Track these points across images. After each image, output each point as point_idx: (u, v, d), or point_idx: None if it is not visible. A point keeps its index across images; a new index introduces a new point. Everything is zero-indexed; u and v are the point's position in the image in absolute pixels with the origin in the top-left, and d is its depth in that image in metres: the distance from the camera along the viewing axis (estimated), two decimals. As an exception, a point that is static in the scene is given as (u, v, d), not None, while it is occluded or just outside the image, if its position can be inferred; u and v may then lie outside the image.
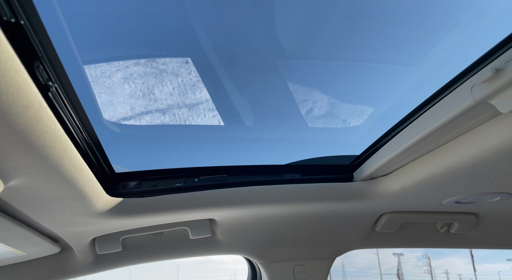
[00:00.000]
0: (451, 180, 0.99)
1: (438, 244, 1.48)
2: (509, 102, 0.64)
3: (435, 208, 1.30)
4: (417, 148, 0.93)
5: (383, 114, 1.28)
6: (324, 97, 1.44)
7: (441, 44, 1.09)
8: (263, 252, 1.49)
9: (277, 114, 1.48)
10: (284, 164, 1.30)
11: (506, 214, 1.32)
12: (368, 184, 1.19)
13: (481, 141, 0.80)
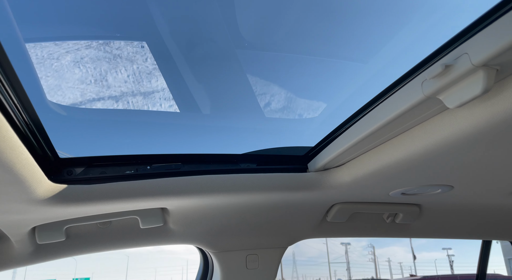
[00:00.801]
0: (399, 172, 1.03)
1: (384, 233, 1.55)
2: (456, 97, 0.68)
3: (383, 199, 1.36)
4: (369, 140, 0.96)
5: (337, 107, 1.31)
6: (281, 89, 1.45)
7: (394, 40, 1.13)
8: (216, 242, 1.48)
9: (235, 104, 1.46)
10: (240, 153, 1.29)
11: (446, 206, 1.41)
12: (321, 174, 1.21)
13: (429, 135, 0.84)
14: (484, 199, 1.32)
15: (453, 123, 0.77)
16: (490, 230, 1.65)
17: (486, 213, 1.49)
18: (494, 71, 0.61)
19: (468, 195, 1.27)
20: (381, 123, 0.86)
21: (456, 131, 0.77)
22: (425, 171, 1.01)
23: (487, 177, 1.07)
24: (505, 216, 1.52)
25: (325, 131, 1.17)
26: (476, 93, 0.63)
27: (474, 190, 1.21)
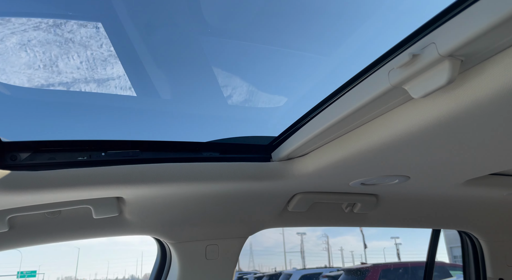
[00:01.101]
0: (361, 162, 1.04)
1: (343, 222, 1.59)
2: (421, 87, 0.68)
3: (343, 189, 1.37)
4: (334, 130, 0.96)
5: (302, 97, 1.30)
6: (245, 78, 1.42)
7: (362, 28, 1.13)
8: (175, 232, 1.44)
9: (197, 90, 1.41)
10: (202, 141, 1.25)
11: (402, 196, 1.46)
12: (285, 164, 1.20)
13: (392, 125, 0.84)
14: (438, 189, 1.38)
15: (416, 113, 0.77)
16: (442, 220, 1.73)
17: (439, 203, 1.56)
18: (459, 62, 0.62)
19: (423, 185, 1.32)
20: (346, 112, 0.85)
21: (419, 122, 0.78)
22: (386, 161, 1.03)
23: (441, 168, 1.11)
24: (456, 206, 1.60)
25: (290, 120, 1.15)
26: (441, 83, 0.63)
27: (429, 180, 1.26)
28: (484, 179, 1.35)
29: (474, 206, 1.61)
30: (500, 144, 0.90)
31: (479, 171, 1.14)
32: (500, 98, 0.65)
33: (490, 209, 1.66)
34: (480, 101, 0.66)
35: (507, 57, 0.59)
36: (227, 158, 1.21)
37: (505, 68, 0.60)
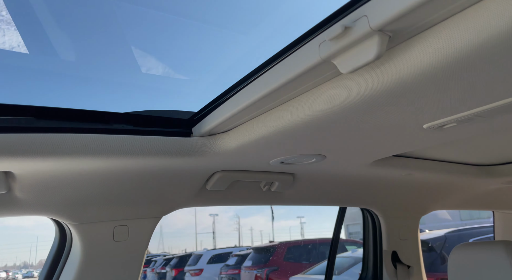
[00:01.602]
0: (284, 140, 1.03)
1: (260, 201, 1.59)
2: (350, 62, 0.67)
3: (263, 167, 1.37)
4: (259, 105, 0.92)
5: (228, 69, 1.24)
6: (165, 48, 1.30)
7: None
8: (77, 212, 1.28)
9: (107, 55, 1.26)
10: (113, 112, 1.12)
11: (316, 175, 1.51)
12: (206, 140, 1.14)
13: (318, 102, 0.83)
14: (349, 169, 1.45)
15: (342, 90, 0.77)
16: (350, 198, 1.85)
17: (349, 182, 1.65)
18: (387, 37, 0.62)
19: (336, 165, 1.38)
20: (274, 86, 0.82)
21: (343, 99, 0.78)
22: (308, 139, 1.03)
23: (354, 148, 1.16)
24: (362, 185, 1.71)
25: (213, 94, 1.09)
26: (369, 58, 0.63)
27: (342, 160, 1.31)
28: (388, 160, 1.46)
29: (377, 186, 1.75)
30: (407, 126, 0.95)
31: (385, 152, 1.22)
32: (421, 78, 0.67)
33: (390, 188, 1.82)
34: (402, 80, 0.68)
35: (431, 36, 0.60)
36: (141, 131, 1.10)
37: (428, 47, 0.61)
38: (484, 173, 1.76)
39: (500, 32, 0.53)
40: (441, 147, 1.45)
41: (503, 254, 1.44)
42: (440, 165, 1.62)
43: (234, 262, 10.92)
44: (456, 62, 0.61)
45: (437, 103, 0.80)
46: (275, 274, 9.04)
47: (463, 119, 0.90)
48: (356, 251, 7.72)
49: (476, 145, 1.44)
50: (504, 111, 0.85)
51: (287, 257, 9.43)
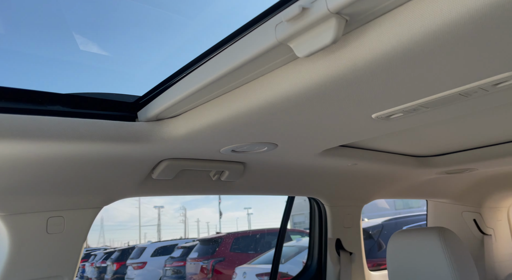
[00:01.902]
0: (236, 127, 1.00)
1: (210, 191, 1.55)
2: (306, 45, 0.65)
3: (213, 156, 1.33)
4: (211, 89, 0.88)
5: (178, 49, 1.18)
6: (107, 25, 1.20)
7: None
8: (5, 202, 1.15)
9: (38, 25, 1.12)
10: (47, 91, 1.01)
11: (267, 164, 1.50)
12: (153, 125, 1.07)
13: (272, 87, 0.81)
14: (299, 158, 1.46)
15: (297, 75, 0.76)
16: (299, 187, 1.87)
17: (298, 172, 1.67)
18: (344, 21, 0.61)
19: (287, 154, 1.38)
20: (227, 69, 0.78)
21: (298, 85, 0.77)
22: (260, 126, 1.01)
23: (306, 136, 1.16)
24: (311, 174, 1.74)
25: (162, 75, 1.03)
26: (326, 42, 0.62)
27: (293, 149, 1.32)
28: (336, 150, 1.49)
29: (324, 175, 1.79)
30: (357, 115, 0.97)
31: (335, 141, 1.24)
32: (375, 65, 0.67)
33: (336, 178, 1.87)
34: (356, 67, 0.68)
35: (386, 21, 0.60)
36: (79, 114, 1.01)
37: (383, 33, 0.61)
38: (421, 164, 1.87)
39: (452, 20, 0.54)
40: (384, 138, 1.51)
41: (436, 239, 1.54)
42: (382, 156, 1.69)
43: (179, 254, 10.79)
44: (409, 49, 0.62)
45: (387, 92, 0.82)
46: (221, 264, 9.07)
47: (409, 110, 0.93)
48: (300, 240, 7.97)
49: (415, 137, 1.52)
50: (447, 102, 0.89)
51: (234, 247, 9.49)
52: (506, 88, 0.81)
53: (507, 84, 0.78)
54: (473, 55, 0.65)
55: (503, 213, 2.99)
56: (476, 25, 0.55)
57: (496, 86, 0.79)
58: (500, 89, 0.81)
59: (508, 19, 0.54)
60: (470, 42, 0.60)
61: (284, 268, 6.67)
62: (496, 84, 0.78)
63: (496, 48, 0.63)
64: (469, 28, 0.56)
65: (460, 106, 0.93)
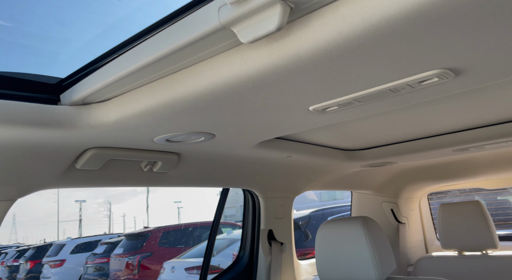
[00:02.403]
0: (172, 114, 0.95)
1: (141, 182, 1.47)
2: (250, 31, 0.64)
3: (145, 145, 1.25)
4: (145, 72, 0.82)
5: (111, 27, 1.08)
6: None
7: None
8: None
9: None
10: None
11: (203, 155, 1.47)
12: (77, 110, 0.98)
13: (213, 73, 0.78)
14: (236, 150, 1.45)
15: (240, 62, 0.74)
16: (235, 179, 1.86)
17: (235, 163, 1.65)
18: (289, 8, 0.60)
19: (224, 145, 1.35)
20: (163, 51, 0.73)
21: (240, 73, 0.75)
22: (198, 115, 0.97)
23: (245, 127, 1.15)
24: (247, 166, 1.74)
25: (91, 55, 0.93)
26: (270, 28, 0.61)
27: (231, 140, 1.30)
28: (272, 142, 1.51)
29: (259, 167, 1.80)
30: (295, 106, 0.98)
31: (272, 133, 1.25)
32: (316, 56, 0.68)
33: (271, 170, 1.90)
34: (298, 57, 0.68)
35: (329, 12, 0.61)
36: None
37: (325, 24, 0.62)
38: (349, 157, 1.98)
39: (391, 15, 0.56)
40: (317, 131, 1.56)
41: (360, 227, 1.64)
42: (315, 149, 1.75)
43: (102, 250, 10.22)
44: (349, 42, 0.63)
45: (325, 85, 0.83)
46: (148, 260, 8.78)
47: (344, 103, 0.96)
48: (231, 233, 8.03)
49: (345, 131, 1.60)
50: (378, 97, 0.93)
51: (162, 242, 9.24)
52: (430, 85, 0.87)
53: (430, 82, 0.84)
54: (404, 52, 0.69)
55: (416, 203, 3.31)
56: (411, 22, 0.58)
57: (421, 83, 0.85)
58: (425, 86, 0.88)
59: (437, 19, 0.57)
60: (404, 39, 0.63)
61: (215, 261, 6.68)
62: (421, 81, 0.84)
63: (424, 46, 0.67)
64: (404, 24, 0.58)
65: (390, 101, 0.99)
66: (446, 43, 0.66)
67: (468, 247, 2.50)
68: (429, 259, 2.66)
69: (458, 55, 0.72)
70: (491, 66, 0.79)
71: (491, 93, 1.19)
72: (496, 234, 2.43)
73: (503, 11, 0.57)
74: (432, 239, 3.35)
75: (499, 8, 0.56)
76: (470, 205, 2.50)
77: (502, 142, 1.69)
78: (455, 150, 1.84)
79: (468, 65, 0.77)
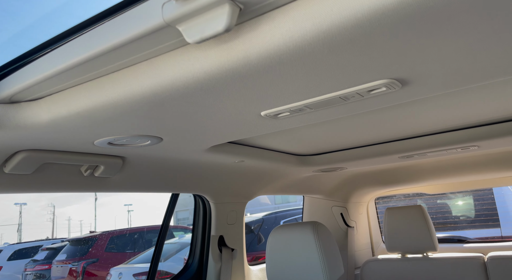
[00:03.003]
0: (114, 116, 0.88)
1: (81, 188, 1.36)
2: (197, 30, 0.60)
3: (85, 148, 1.16)
4: (83, 69, 0.75)
5: (45, 16, 0.98)
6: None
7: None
8: None
9: None
10: None
11: (150, 159, 1.39)
12: (5, 109, 0.88)
13: (158, 73, 0.73)
14: (186, 154, 1.39)
15: (187, 63, 0.70)
16: (185, 184, 1.80)
17: (184, 168, 1.59)
18: (238, 9, 0.57)
19: (173, 149, 1.29)
20: (104, 47, 0.67)
21: (188, 73, 0.71)
22: (143, 117, 0.91)
23: (194, 131, 1.10)
24: (197, 171, 1.68)
25: (20, 48, 0.84)
26: (218, 29, 0.57)
27: (180, 144, 1.24)
28: (224, 147, 1.47)
29: (211, 172, 1.75)
30: (247, 111, 0.95)
31: (224, 137, 1.22)
32: (267, 60, 0.65)
33: (223, 175, 1.85)
34: (248, 60, 0.65)
35: (279, 16, 0.59)
36: None
37: (276, 28, 0.59)
38: (302, 162, 1.99)
39: (341, 22, 0.55)
40: (270, 136, 1.55)
41: (310, 232, 1.65)
42: (268, 153, 1.74)
43: (44, 256, 9.59)
44: (300, 47, 0.61)
45: (276, 90, 0.81)
46: (94, 266, 8.35)
47: (295, 109, 0.95)
48: (183, 237, 7.85)
49: (297, 137, 1.60)
50: (329, 104, 0.93)
51: (110, 247, 8.84)
52: (378, 95, 0.88)
53: (379, 91, 0.85)
54: (355, 61, 0.68)
55: (364, 207, 3.42)
56: (361, 30, 0.57)
57: (370, 92, 0.86)
58: (374, 95, 0.88)
59: (385, 29, 0.57)
60: (354, 47, 0.63)
61: (165, 266, 6.49)
62: (370, 90, 0.84)
63: (373, 55, 0.67)
64: (354, 32, 0.57)
65: (340, 108, 0.99)
66: (393, 53, 0.66)
67: (410, 250, 2.61)
68: (375, 262, 2.75)
69: (404, 66, 0.73)
70: (435, 78, 0.81)
71: (434, 104, 1.24)
72: (436, 237, 2.56)
73: (447, 26, 0.58)
74: (378, 242, 3.48)
75: (443, 22, 0.57)
76: (413, 209, 2.62)
77: (443, 150, 1.78)
78: (401, 157, 1.91)
79: (413, 76, 0.79)
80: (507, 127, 1.54)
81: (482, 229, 4.45)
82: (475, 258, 2.44)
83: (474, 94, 1.17)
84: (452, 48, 0.66)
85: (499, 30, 0.61)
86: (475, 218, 4.58)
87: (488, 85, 1.11)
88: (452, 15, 0.55)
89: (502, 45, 0.67)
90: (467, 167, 2.47)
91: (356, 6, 0.53)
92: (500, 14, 0.56)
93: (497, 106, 1.31)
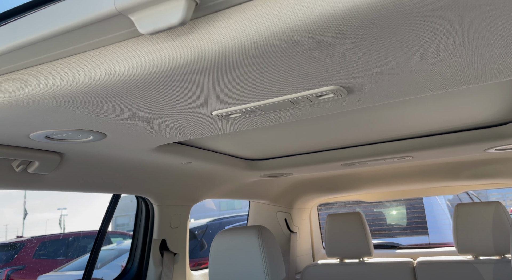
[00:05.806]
0: (53, 107, 0.82)
1: (11, 185, 1.25)
2: (150, 22, 0.58)
3: (18, 141, 1.07)
4: (21, 54, 0.70)
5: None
6: None
7: None
8: None
9: None
10: None
11: (92, 156, 1.32)
12: None
13: (105, 64, 0.70)
14: (131, 153, 1.34)
15: (138, 54, 0.68)
16: (127, 185, 1.72)
17: (128, 167, 1.53)
18: (194, 3, 0.57)
19: (118, 147, 1.24)
20: (47, 31, 0.63)
21: (138, 65, 0.69)
22: (86, 110, 0.87)
23: (141, 128, 1.07)
24: (141, 171, 1.62)
25: None
26: (172, 22, 0.57)
27: (125, 142, 1.19)
28: (171, 147, 1.44)
29: (156, 173, 1.70)
30: (198, 110, 0.94)
31: (172, 137, 1.19)
32: (221, 58, 0.65)
33: (169, 176, 1.81)
34: (202, 57, 0.65)
35: (236, 14, 0.59)
36: None
37: (231, 26, 0.60)
38: (249, 166, 2.00)
39: (294, 25, 0.57)
40: (219, 138, 1.54)
41: (254, 236, 1.66)
42: (216, 156, 1.73)
43: (-40, 264, 8.61)
44: (254, 47, 0.62)
45: (229, 90, 0.81)
46: (20, 274, 7.67)
47: (247, 111, 0.96)
48: (122, 243, 7.50)
49: (246, 140, 1.61)
50: (280, 107, 0.95)
51: (39, 253, 8.18)
52: (326, 101, 0.92)
53: (326, 97, 0.89)
54: (305, 65, 0.71)
55: (307, 213, 3.52)
56: (312, 35, 0.59)
57: (318, 98, 0.89)
58: (322, 101, 0.92)
59: (334, 36, 0.60)
60: (305, 51, 0.65)
61: (100, 274, 6.13)
62: (318, 96, 0.88)
63: (322, 61, 0.70)
64: (306, 36, 0.60)
65: (291, 113, 1.02)
66: (341, 60, 0.70)
67: (348, 255, 2.73)
68: (315, 267, 2.83)
69: (351, 74, 0.77)
70: (379, 87, 0.87)
71: (375, 114, 1.32)
72: (372, 243, 2.71)
73: (391, 38, 0.62)
74: (319, 247, 3.60)
75: (388, 34, 0.61)
76: (353, 216, 2.75)
77: (381, 159, 1.89)
78: (343, 164, 2.00)
79: (359, 84, 0.84)
80: (437, 140, 1.68)
81: (412, 236, 4.78)
82: (405, 262, 2.62)
83: (411, 107, 1.26)
84: (394, 60, 0.71)
85: (439, 45, 0.67)
86: (406, 226, 4.91)
87: (423, 100, 1.21)
88: (396, 28, 0.59)
89: (441, 59, 0.73)
90: (402, 177, 2.66)
91: (310, 11, 0.55)
92: (441, 31, 0.61)
93: (430, 120, 1.43)
